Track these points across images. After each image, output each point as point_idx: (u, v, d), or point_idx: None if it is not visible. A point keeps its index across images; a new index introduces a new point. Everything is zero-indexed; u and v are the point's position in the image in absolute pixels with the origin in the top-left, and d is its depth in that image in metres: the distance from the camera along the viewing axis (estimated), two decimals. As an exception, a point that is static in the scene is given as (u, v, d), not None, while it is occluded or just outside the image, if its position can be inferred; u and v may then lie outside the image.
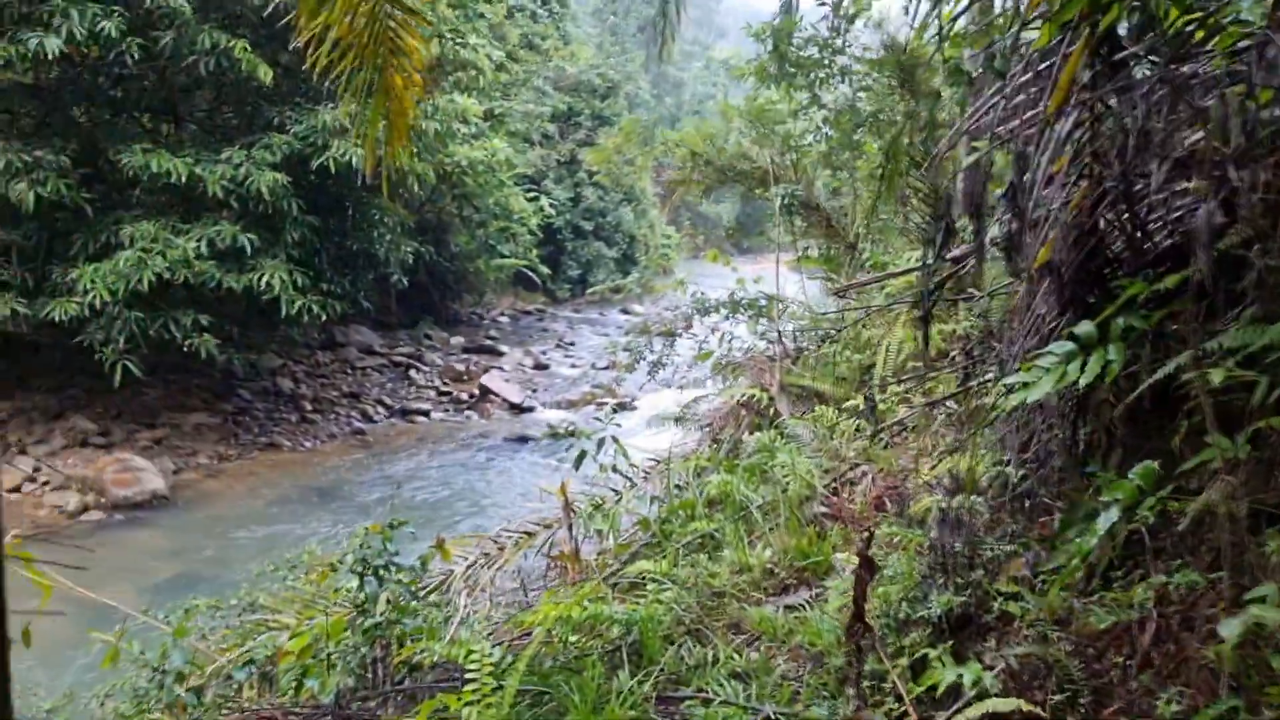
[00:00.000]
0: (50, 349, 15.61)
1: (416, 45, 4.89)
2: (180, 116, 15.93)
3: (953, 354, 7.59)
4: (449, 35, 18.77)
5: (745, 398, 7.81)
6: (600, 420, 9.67)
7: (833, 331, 8.68)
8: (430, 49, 17.75)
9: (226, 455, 16.30)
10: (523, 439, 18.41)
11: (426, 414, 20.13)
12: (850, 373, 7.85)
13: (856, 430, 6.92)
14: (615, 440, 9.38)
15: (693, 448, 8.94)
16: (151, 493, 13.71)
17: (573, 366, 24.53)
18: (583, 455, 9.35)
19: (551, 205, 30.29)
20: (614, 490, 8.46)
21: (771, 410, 7.77)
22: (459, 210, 26.44)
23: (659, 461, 8.49)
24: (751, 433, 7.95)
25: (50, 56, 12.50)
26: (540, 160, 32.15)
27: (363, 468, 16.20)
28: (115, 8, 13.10)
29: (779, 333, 8.51)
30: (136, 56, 13.27)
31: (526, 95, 29.10)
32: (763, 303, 13.34)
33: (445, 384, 22.36)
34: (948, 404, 6.83)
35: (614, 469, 8.82)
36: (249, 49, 13.56)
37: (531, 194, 28.91)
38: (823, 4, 13.39)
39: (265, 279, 14.02)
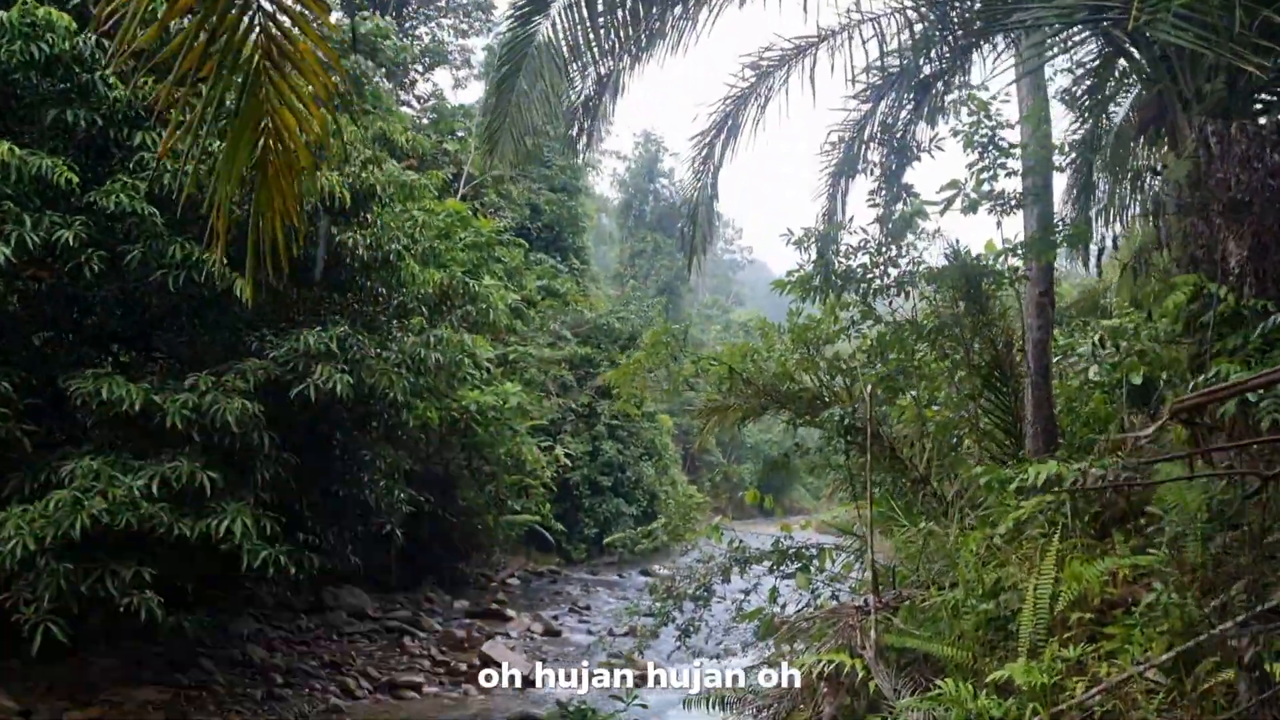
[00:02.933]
0: (-28, 609, 13.23)
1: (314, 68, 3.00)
2: (153, 346, 14.26)
3: (1136, 600, 5.27)
4: (452, 266, 17.44)
5: (826, 668, 5.42)
6: (620, 700, 7.24)
7: (937, 577, 6.36)
8: (434, 278, 16.36)
9: (167, 742, 13.51)
10: (528, 718, 15.53)
11: (418, 688, 17.28)
12: (975, 629, 5.50)
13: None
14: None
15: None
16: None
17: (588, 633, 21.76)
18: (599, 752, 6.90)
19: (567, 457, 28.34)
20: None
21: (867, 684, 5.36)
22: (468, 462, 24.51)
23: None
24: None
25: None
26: (557, 410, 30.54)
27: (330, 760, 13.35)
28: (77, 217, 11.66)
29: (874, 572, 6.18)
30: (97, 270, 11.70)
31: (543, 339, 27.84)
32: (814, 553, 11.03)
33: (442, 652, 19.58)
34: (1148, 675, 4.49)
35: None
36: (225, 263, 12.01)
37: (546, 445, 27.05)
38: (873, 205, 11.89)
39: (225, 524, 11.81)
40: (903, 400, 11.19)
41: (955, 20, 10.56)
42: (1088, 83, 12.30)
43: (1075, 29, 8.81)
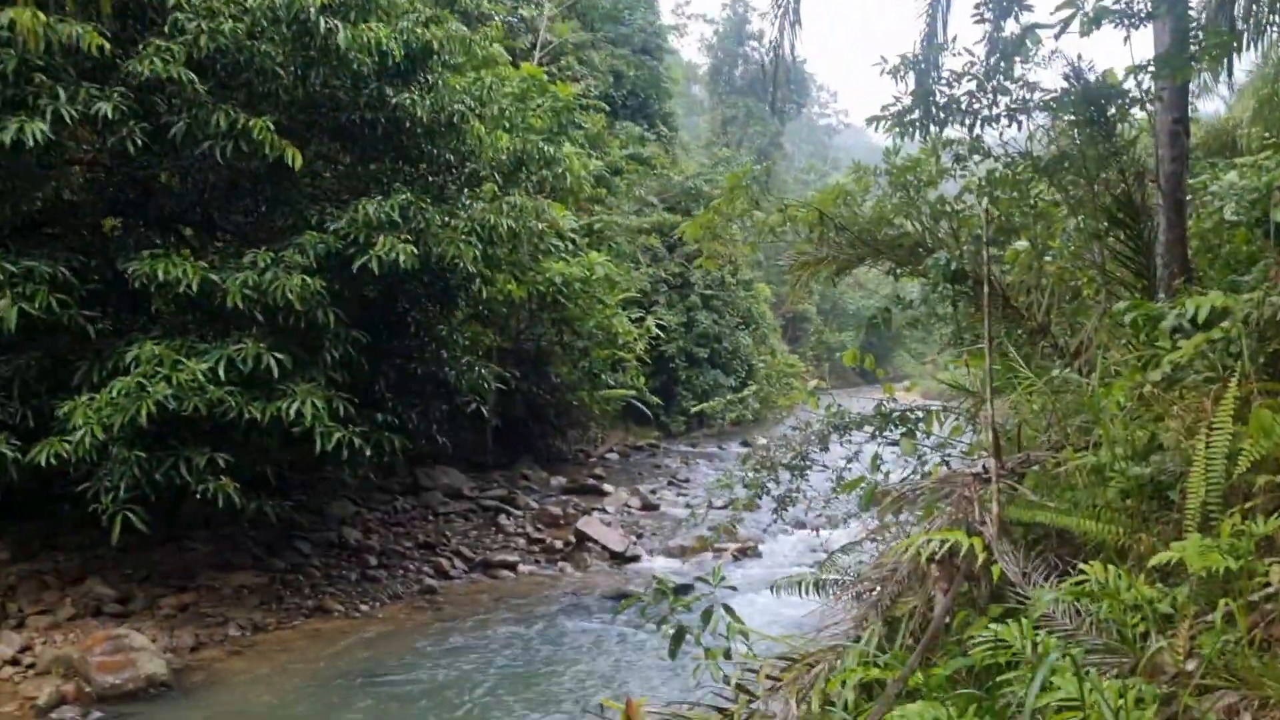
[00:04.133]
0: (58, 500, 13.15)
1: None
2: (216, 226, 13.68)
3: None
4: (526, 132, 16.36)
5: (938, 547, 4.47)
6: (706, 581, 6.44)
7: (1072, 437, 5.29)
8: (504, 142, 15.36)
9: (263, 624, 13.38)
10: (622, 595, 15.07)
11: (513, 567, 17.00)
12: (1124, 499, 4.46)
13: (1172, 613, 3.55)
14: (728, 612, 6.12)
15: (849, 629, 5.59)
16: (147, 678, 10.79)
17: (686, 507, 21.23)
18: (680, 637, 6.15)
19: (659, 328, 27.49)
20: (719, 710, 5.20)
21: (989, 568, 4.41)
22: (559, 337, 23.88)
23: (794, 661, 5.19)
24: (955, 611, 4.59)
25: (36, 142, 10.27)
26: (648, 280, 29.58)
27: (422, 637, 13.07)
28: (115, 88, 10.93)
29: (994, 433, 5.15)
30: (139, 143, 11.01)
31: (628, 207, 26.72)
32: (920, 416, 10.02)
33: (538, 530, 19.27)
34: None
35: (722, 670, 5.58)
36: (271, 128, 11.20)
37: (638, 317, 26.22)
38: (980, 21, 10.39)
39: (295, 406, 11.29)
40: (1020, 241, 9.90)
41: None
42: None
43: None
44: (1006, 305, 9.87)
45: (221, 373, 11.17)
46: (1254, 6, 16.59)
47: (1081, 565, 3.98)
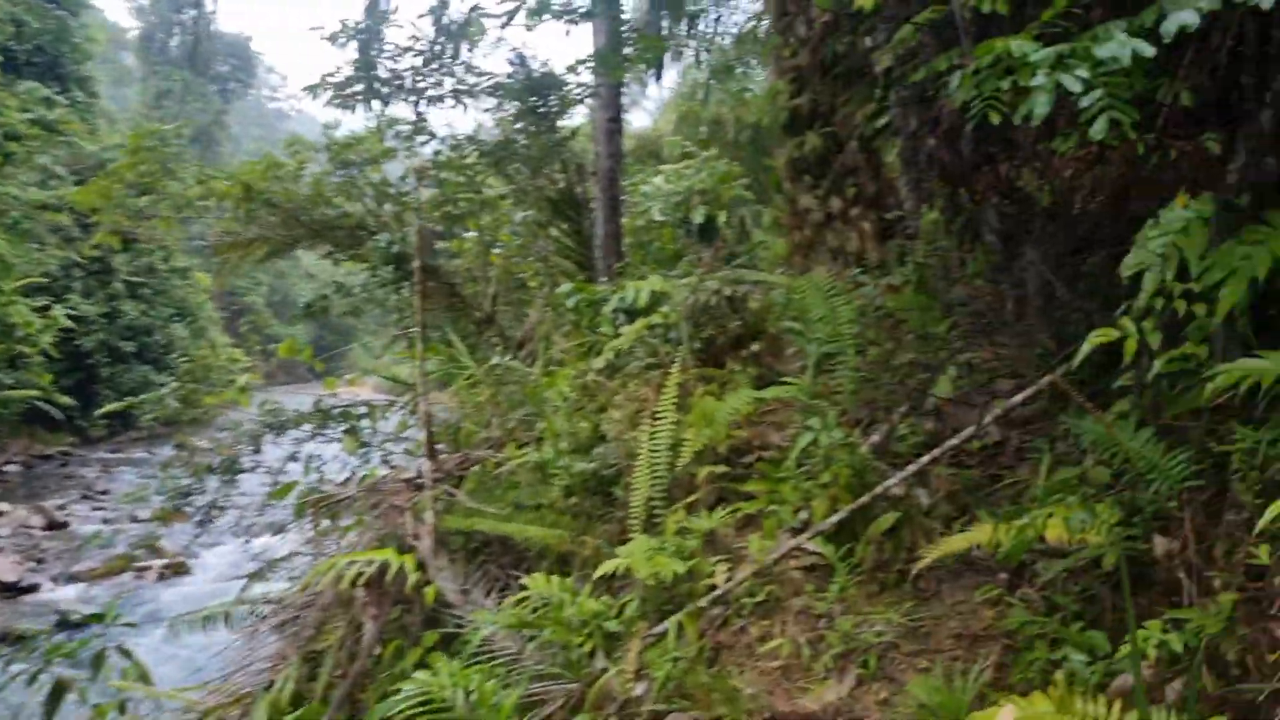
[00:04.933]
0: None
1: None
2: None
3: (767, 444, 4.07)
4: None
5: (365, 569, 3.76)
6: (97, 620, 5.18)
7: (517, 430, 4.84)
8: None
9: None
10: (11, 636, 12.57)
11: None
12: (568, 494, 4.07)
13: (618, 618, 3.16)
14: (125, 655, 4.90)
15: (270, 666, 4.66)
16: None
17: (104, 522, 18.51)
18: (59, 694, 4.86)
19: (72, 318, 23.90)
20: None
21: (425, 587, 3.79)
22: (-68, 329, 19.72)
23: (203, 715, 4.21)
24: (386, 641, 3.89)
25: None
26: (57, 264, 25.61)
27: None
28: None
29: (428, 433, 4.52)
30: None
31: (29, 178, 22.83)
32: (363, 411, 9.25)
33: (-99, 565, 15.58)
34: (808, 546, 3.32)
35: None
36: None
37: (42, 305, 22.49)
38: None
39: None
40: (468, 228, 9.55)
41: None
42: None
43: None
44: (454, 294, 9.48)
45: None
46: (674, 28, 17.99)
47: (523, 579, 3.48)
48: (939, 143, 3.31)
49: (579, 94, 10.21)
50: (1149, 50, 1.89)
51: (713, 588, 3.25)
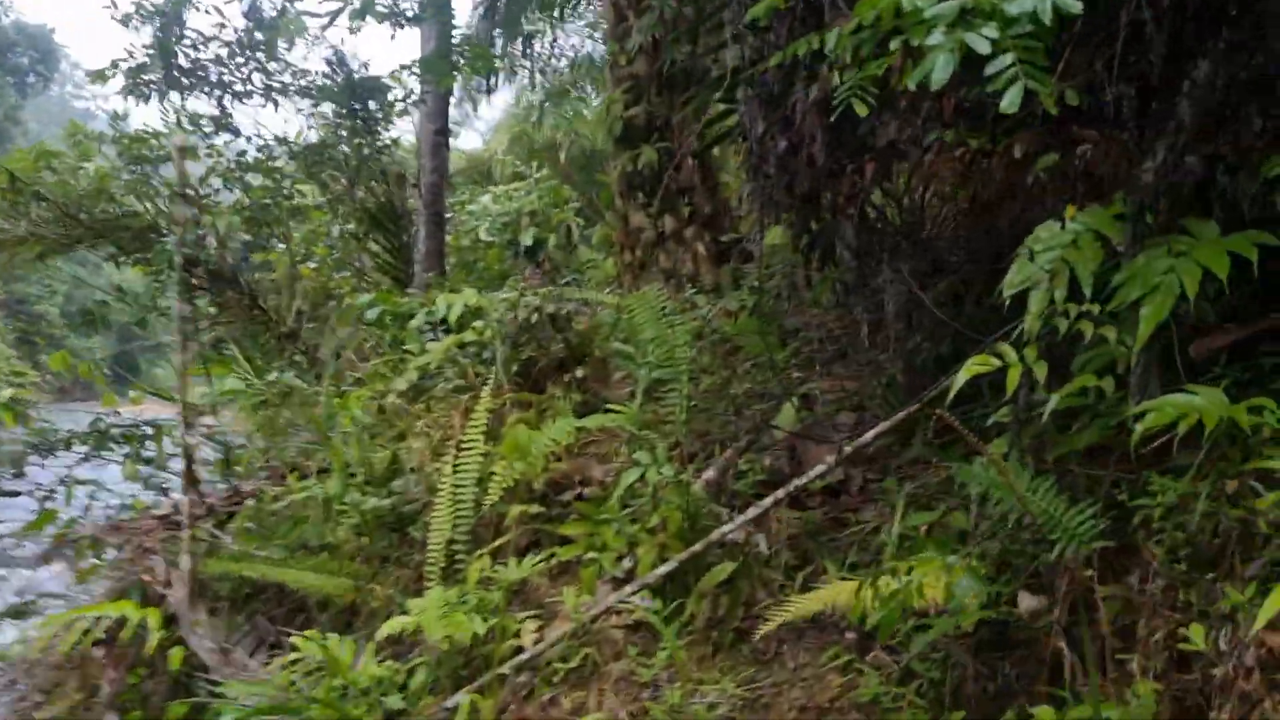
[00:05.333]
0: None
1: None
2: None
3: (588, 480, 3.60)
4: None
5: (96, 625, 3.10)
6: None
7: (300, 459, 4.21)
8: None
9: None
10: None
11: None
12: (359, 533, 3.49)
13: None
14: None
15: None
16: None
17: None
18: None
19: None
20: None
21: (178, 645, 3.14)
22: None
23: None
24: (122, 711, 3.22)
25: None
26: None
27: None
28: None
29: (187, 464, 3.84)
30: None
31: None
32: (148, 432, 8.33)
33: None
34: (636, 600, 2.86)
35: None
36: None
37: None
38: None
39: None
40: (272, 235, 8.78)
41: None
42: None
43: None
44: (255, 306, 8.67)
45: None
46: (509, 46, 17.57)
47: (295, 638, 2.89)
48: (790, 147, 2.95)
49: (403, 101, 9.60)
50: (1076, 6, 1.55)
51: (519, 650, 2.74)
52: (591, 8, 17.92)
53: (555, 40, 17.87)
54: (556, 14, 17.92)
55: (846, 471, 3.66)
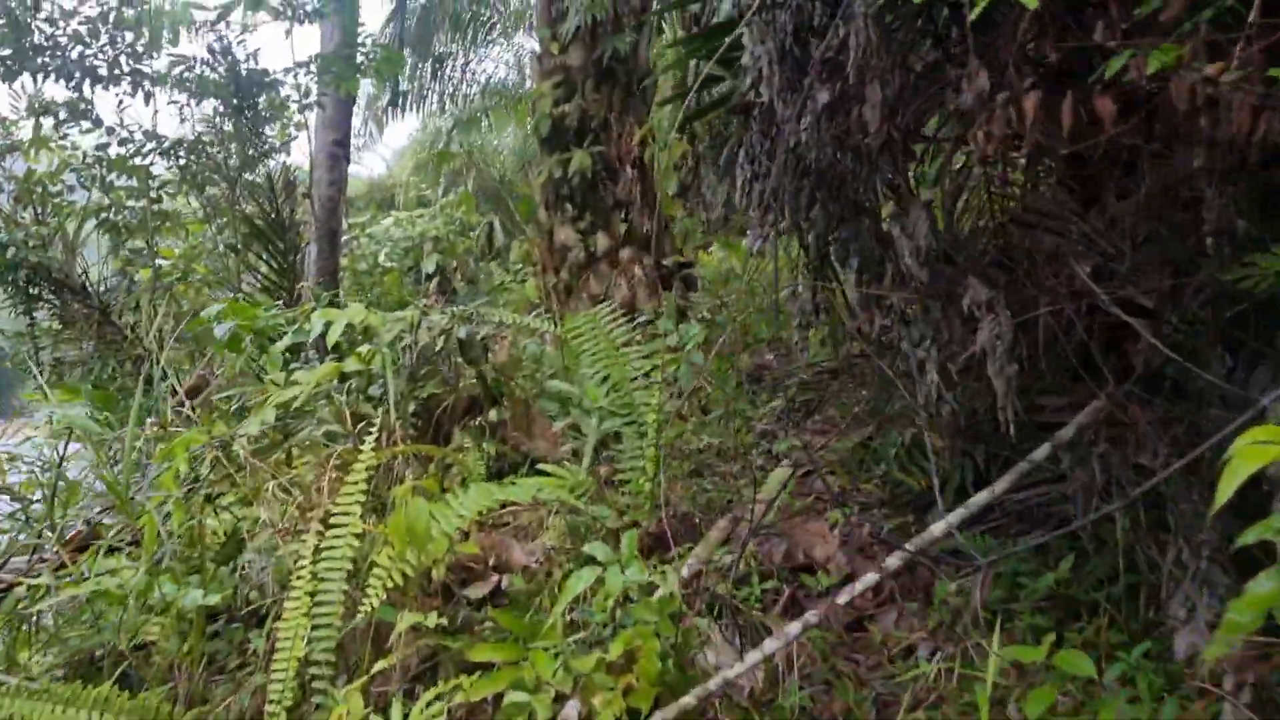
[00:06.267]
0: None
1: None
2: None
3: (523, 569, 2.59)
4: None
5: None
6: None
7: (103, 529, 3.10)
8: None
9: None
10: None
11: None
12: (181, 639, 2.41)
13: None
14: None
15: None
16: None
17: None
18: None
19: None
20: None
21: None
22: None
23: None
24: None
25: None
26: None
27: None
28: None
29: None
30: None
31: None
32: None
33: None
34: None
35: None
36: None
37: None
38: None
39: None
40: (131, 243, 7.59)
41: None
42: None
43: None
44: (107, 322, 7.44)
45: None
46: (420, 67, 16.61)
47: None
48: (832, 102, 2.04)
49: (298, 102, 8.54)
50: None
51: None
52: (504, 37, 17.11)
53: (467, 64, 17.03)
54: (469, 37, 17.06)
55: (851, 561, 2.75)
